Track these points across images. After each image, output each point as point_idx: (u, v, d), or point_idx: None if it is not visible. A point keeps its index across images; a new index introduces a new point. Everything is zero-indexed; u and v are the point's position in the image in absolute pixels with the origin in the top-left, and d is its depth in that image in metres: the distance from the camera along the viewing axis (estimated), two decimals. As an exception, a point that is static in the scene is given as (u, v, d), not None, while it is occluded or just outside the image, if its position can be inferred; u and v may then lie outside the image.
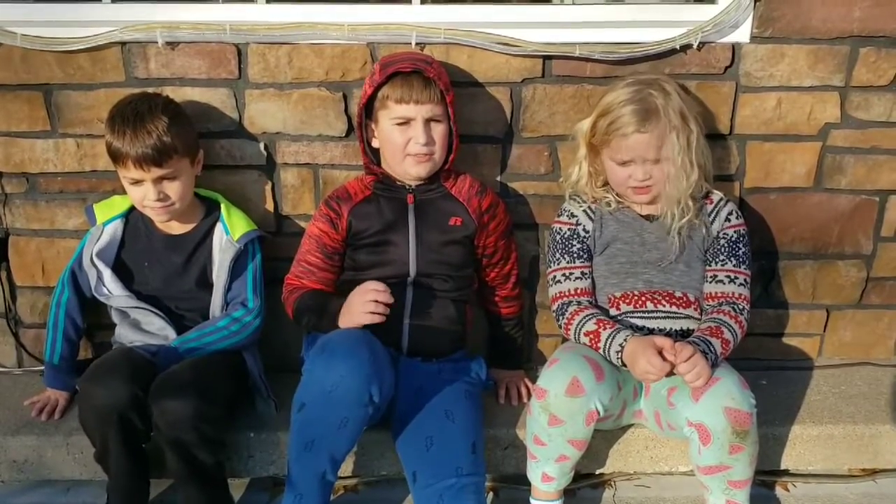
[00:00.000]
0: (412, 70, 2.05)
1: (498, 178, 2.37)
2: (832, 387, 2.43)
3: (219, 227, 2.24)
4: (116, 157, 2.09)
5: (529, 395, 2.26)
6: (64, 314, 2.27)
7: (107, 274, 2.21)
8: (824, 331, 2.56)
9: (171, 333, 2.19)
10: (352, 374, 1.86)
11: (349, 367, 1.86)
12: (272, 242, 2.38)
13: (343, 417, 1.87)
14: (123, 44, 2.24)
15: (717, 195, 2.19)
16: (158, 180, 2.10)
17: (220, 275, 2.22)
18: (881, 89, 2.29)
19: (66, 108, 2.30)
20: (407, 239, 2.16)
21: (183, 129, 2.12)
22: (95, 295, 2.22)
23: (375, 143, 2.16)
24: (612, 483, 2.31)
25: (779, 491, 2.29)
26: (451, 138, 2.14)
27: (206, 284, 2.24)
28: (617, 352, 1.99)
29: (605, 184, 2.20)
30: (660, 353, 1.91)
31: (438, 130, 2.10)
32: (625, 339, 1.99)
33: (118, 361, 2.05)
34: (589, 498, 2.26)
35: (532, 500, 2.12)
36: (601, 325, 2.05)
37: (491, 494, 2.25)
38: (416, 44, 2.21)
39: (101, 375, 1.99)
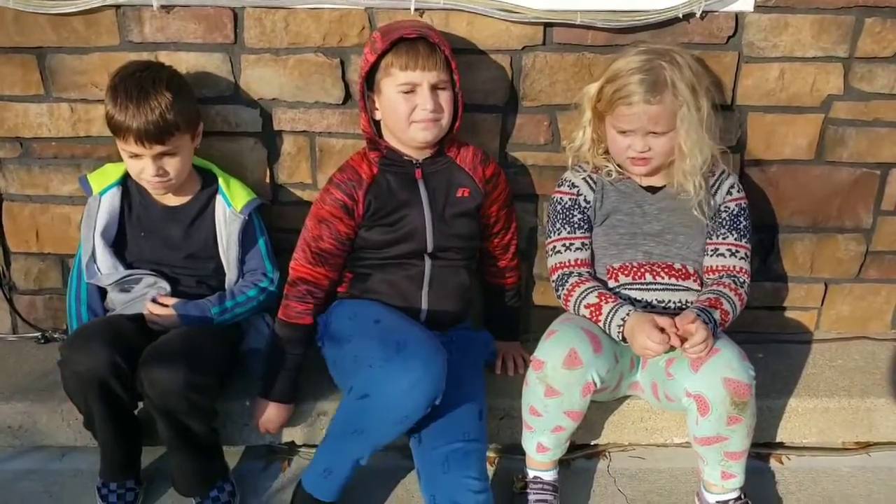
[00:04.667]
0: (417, 36, 2.00)
1: (498, 148, 2.34)
2: (828, 360, 2.44)
3: (219, 200, 2.21)
4: (117, 130, 2.04)
5: (526, 366, 2.26)
6: (86, 309, 2.22)
7: (100, 253, 2.16)
8: (822, 304, 2.55)
9: (164, 284, 2.18)
10: (428, 383, 1.88)
11: (428, 376, 1.88)
12: (268, 210, 2.36)
13: (404, 416, 1.91)
14: (118, 7, 2.19)
15: (719, 167, 2.17)
16: (158, 156, 2.06)
17: (230, 248, 2.21)
18: (885, 60, 2.26)
19: (59, 72, 2.26)
20: (422, 214, 2.12)
21: (186, 106, 2.08)
22: (85, 273, 2.18)
23: (377, 115, 2.11)
24: (607, 454, 2.32)
25: (773, 464, 2.30)
26: (456, 106, 2.09)
27: (204, 256, 2.22)
28: (618, 326, 1.98)
29: (607, 152, 2.17)
30: (660, 329, 1.90)
31: (444, 97, 2.05)
32: (627, 314, 1.97)
33: (99, 328, 2.05)
34: (583, 468, 2.27)
35: (527, 470, 2.12)
36: (603, 298, 2.04)
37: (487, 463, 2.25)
38: (416, 10, 2.17)
39: (81, 342, 1.98)
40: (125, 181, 2.20)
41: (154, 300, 2.15)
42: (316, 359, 2.18)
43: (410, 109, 2.03)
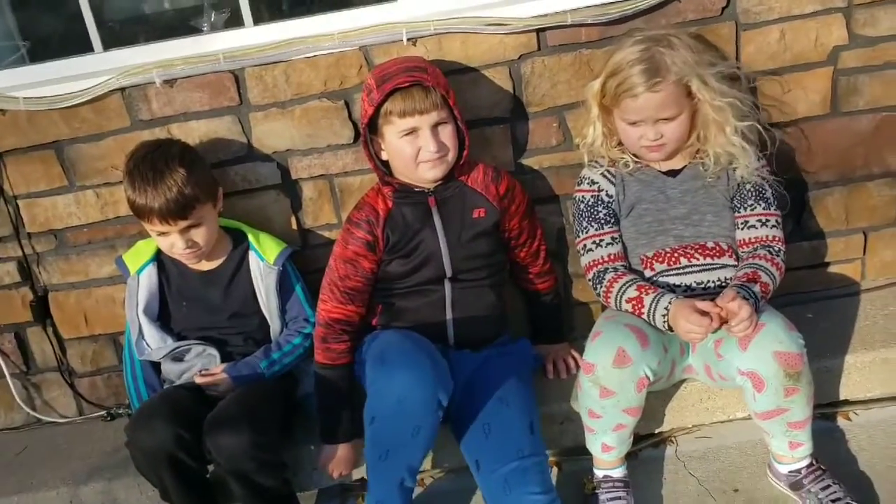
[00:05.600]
0: (410, 84, 2.01)
1: (511, 158, 2.35)
2: (879, 309, 2.40)
3: (252, 256, 2.26)
4: (140, 213, 2.10)
5: (578, 366, 2.27)
6: (144, 385, 2.29)
7: (147, 329, 2.24)
8: (864, 254, 2.51)
9: (213, 351, 2.24)
10: (417, 384, 1.89)
11: (413, 378, 1.89)
12: (300, 256, 2.40)
13: (415, 426, 1.91)
14: (123, 90, 2.26)
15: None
16: (185, 230, 2.12)
17: (270, 301, 2.26)
18: (886, 3, 2.22)
19: (79, 162, 2.33)
20: (437, 240, 2.14)
21: (201, 176, 2.13)
22: (135, 351, 2.25)
23: (384, 156, 2.13)
24: (673, 439, 2.31)
25: (841, 421, 2.27)
26: (461, 135, 2.11)
27: (247, 312, 2.27)
28: (662, 315, 1.98)
29: (621, 143, 2.17)
30: (702, 312, 1.89)
31: (446, 132, 2.07)
32: (669, 303, 1.97)
33: (158, 404, 2.11)
34: (652, 458, 2.27)
35: (596, 471, 2.13)
36: (643, 290, 2.04)
37: (555, 469, 2.26)
38: (408, 39, 2.19)
39: (144, 421, 2.05)
40: (159, 256, 2.27)
41: (202, 372, 2.20)
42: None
43: (415, 151, 2.06)
